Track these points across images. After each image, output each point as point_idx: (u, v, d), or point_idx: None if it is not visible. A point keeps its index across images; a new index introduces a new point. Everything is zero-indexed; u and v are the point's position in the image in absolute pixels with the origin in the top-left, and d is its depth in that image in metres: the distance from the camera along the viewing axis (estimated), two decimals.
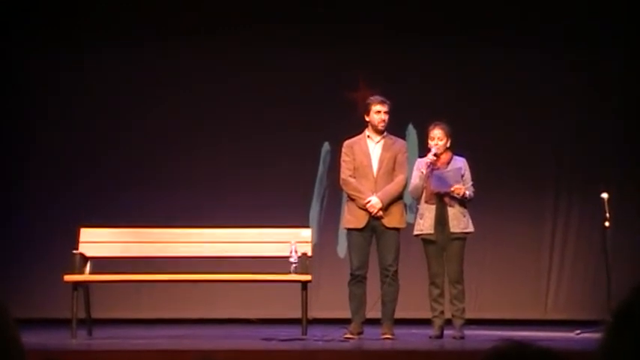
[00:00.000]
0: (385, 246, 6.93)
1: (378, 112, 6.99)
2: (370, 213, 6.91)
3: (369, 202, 6.90)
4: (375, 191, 6.94)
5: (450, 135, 7.01)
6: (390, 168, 7.00)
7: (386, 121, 7.01)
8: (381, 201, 6.89)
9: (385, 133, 7.08)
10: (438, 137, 6.99)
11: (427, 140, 7.07)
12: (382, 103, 7.01)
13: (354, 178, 7.02)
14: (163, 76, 9.41)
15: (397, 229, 6.97)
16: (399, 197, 7.00)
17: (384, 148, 7.03)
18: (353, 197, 7.01)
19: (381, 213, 6.90)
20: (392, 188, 6.95)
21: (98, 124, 9.37)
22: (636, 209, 9.09)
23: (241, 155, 9.32)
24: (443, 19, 9.34)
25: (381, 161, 7.01)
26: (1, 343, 1.54)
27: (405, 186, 7.05)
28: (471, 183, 7.06)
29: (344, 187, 7.14)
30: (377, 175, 6.99)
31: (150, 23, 9.39)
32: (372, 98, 7.11)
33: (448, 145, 7.03)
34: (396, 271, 6.91)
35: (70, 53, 9.36)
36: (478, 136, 8.83)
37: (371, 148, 7.04)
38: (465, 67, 9.32)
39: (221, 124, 9.38)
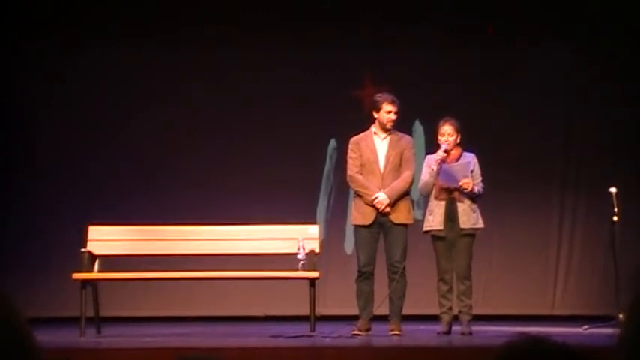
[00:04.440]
0: (393, 242, 6.93)
1: (388, 112, 6.98)
2: (377, 209, 6.91)
3: (376, 198, 6.91)
4: (382, 187, 6.94)
5: (459, 131, 7.00)
6: (397, 164, 7.00)
7: (394, 121, 7.00)
8: (389, 197, 6.90)
9: (391, 130, 7.08)
10: (448, 133, 6.98)
11: (437, 136, 7.05)
12: (393, 102, 6.98)
13: (361, 174, 7.02)
14: (170, 73, 9.40)
15: (405, 225, 6.97)
16: (406, 193, 7.00)
17: (391, 145, 7.02)
18: (360, 194, 7.02)
19: (388, 209, 6.90)
20: (399, 184, 6.95)
21: (106, 122, 9.37)
22: None
23: (248, 153, 9.32)
24: (449, 15, 9.33)
25: (387, 158, 7.01)
26: (18, 344, 1.54)
27: (412, 182, 7.05)
28: (480, 179, 7.05)
29: (351, 184, 7.14)
30: (384, 171, 6.99)
31: (153, 22, 9.39)
32: (383, 96, 7.06)
33: (458, 141, 7.02)
34: (404, 268, 6.91)
35: (74, 51, 9.35)
36: (485, 133, 8.82)
37: (377, 144, 7.04)
38: (472, 63, 9.31)
39: (228, 122, 9.39)
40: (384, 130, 7.03)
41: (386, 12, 9.41)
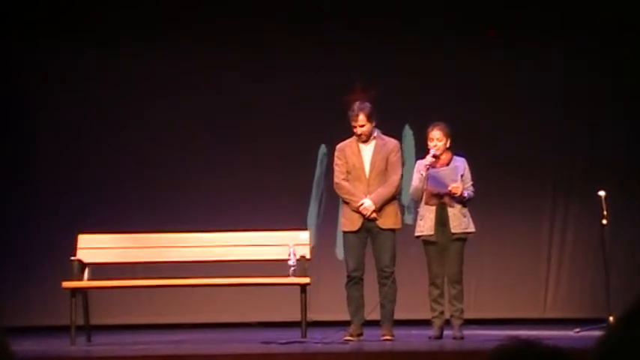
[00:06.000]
0: (381, 247, 6.92)
1: (354, 127, 6.97)
2: (364, 215, 6.89)
3: (362, 204, 6.89)
4: (368, 193, 6.91)
5: (449, 135, 6.99)
6: (383, 169, 6.97)
7: (365, 132, 6.94)
8: (374, 203, 6.87)
9: (376, 134, 7.05)
10: (437, 138, 6.98)
11: (426, 141, 7.06)
12: (355, 117, 6.92)
13: (347, 181, 7.00)
14: (161, 81, 9.40)
15: (392, 230, 6.95)
16: (392, 198, 6.97)
17: (376, 150, 6.99)
18: (346, 200, 7.00)
19: (374, 215, 6.89)
20: (384, 190, 6.92)
21: (96, 130, 9.36)
22: (633, 206, 9.10)
23: (238, 158, 9.32)
24: (440, 20, 9.35)
25: (372, 163, 6.97)
26: None
27: (398, 187, 7.01)
28: (470, 183, 7.05)
29: (337, 191, 7.12)
30: (369, 176, 6.97)
31: (148, 28, 9.38)
32: (352, 111, 7.00)
33: (448, 145, 7.01)
34: (392, 272, 6.89)
35: (74, 51, 9.33)
36: (475, 136, 8.83)
37: (362, 150, 7.00)
38: (462, 67, 9.32)
39: (218, 128, 9.38)
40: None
41: (377, 17, 9.41)
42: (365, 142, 6.99)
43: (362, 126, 6.92)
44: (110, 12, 9.39)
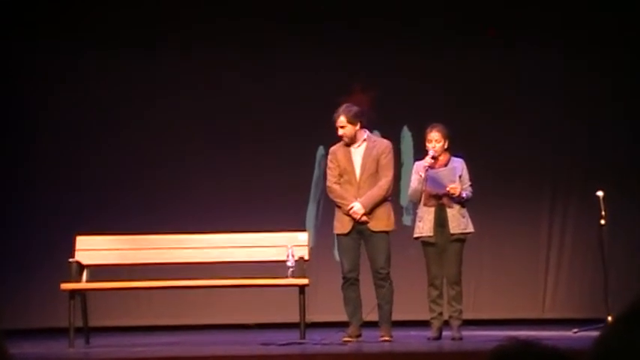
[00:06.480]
0: (374, 249, 6.88)
1: (337, 130, 6.95)
2: (355, 219, 6.86)
3: (351, 208, 6.86)
4: (358, 196, 6.87)
5: (447, 136, 6.98)
6: (374, 171, 6.91)
7: (346, 134, 6.89)
8: (364, 206, 6.82)
9: (367, 136, 7.00)
10: (435, 140, 6.97)
11: (425, 143, 7.04)
12: (336, 119, 6.91)
13: (340, 184, 6.97)
14: (161, 81, 9.39)
15: (385, 232, 6.92)
16: (383, 200, 6.91)
17: (366, 153, 6.94)
18: (338, 204, 6.97)
19: (365, 218, 6.85)
20: (374, 192, 6.87)
21: (96, 130, 9.35)
22: (632, 207, 9.09)
23: (237, 160, 9.31)
24: (440, 20, 9.35)
25: (363, 166, 6.92)
26: None
27: (389, 189, 6.96)
28: (469, 183, 7.04)
29: (329, 194, 7.09)
30: (359, 179, 6.92)
31: (148, 28, 9.37)
32: (334, 113, 7.00)
33: (446, 146, 7.00)
34: (388, 273, 6.87)
35: (69, 57, 9.33)
36: (474, 137, 8.83)
37: (353, 153, 6.95)
38: (462, 68, 9.31)
39: (217, 129, 9.38)
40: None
41: (376, 18, 9.40)
42: (351, 144, 6.95)
43: (342, 127, 6.89)
44: (110, 12, 9.39)
